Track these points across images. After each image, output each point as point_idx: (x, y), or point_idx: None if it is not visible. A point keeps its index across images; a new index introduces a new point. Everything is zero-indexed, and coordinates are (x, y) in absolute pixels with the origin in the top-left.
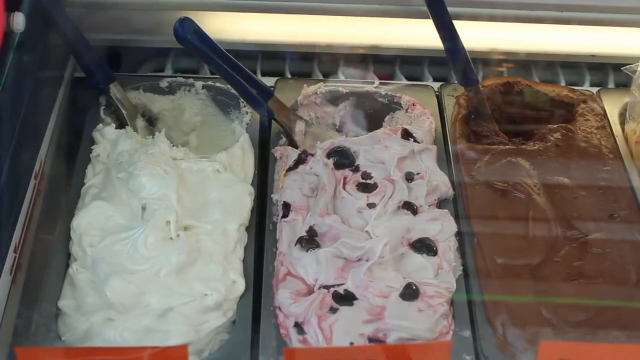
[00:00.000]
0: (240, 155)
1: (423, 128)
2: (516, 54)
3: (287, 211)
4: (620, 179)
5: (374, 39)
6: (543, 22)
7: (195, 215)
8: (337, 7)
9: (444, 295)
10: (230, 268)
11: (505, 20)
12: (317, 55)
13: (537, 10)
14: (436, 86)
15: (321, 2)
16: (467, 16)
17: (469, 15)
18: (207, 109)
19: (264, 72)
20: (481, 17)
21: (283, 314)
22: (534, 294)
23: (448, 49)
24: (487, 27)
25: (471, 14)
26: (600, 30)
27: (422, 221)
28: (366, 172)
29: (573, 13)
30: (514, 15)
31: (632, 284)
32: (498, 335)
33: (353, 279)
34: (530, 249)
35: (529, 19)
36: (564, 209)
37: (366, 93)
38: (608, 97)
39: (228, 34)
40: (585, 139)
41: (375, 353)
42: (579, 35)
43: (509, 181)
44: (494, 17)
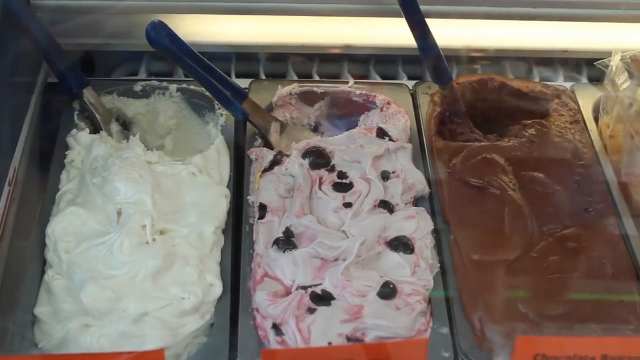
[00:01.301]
0: (216, 157)
1: (398, 126)
2: (490, 50)
3: (263, 212)
4: (594, 173)
5: (347, 38)
6: (516, 18)
7: (171, 218)
8: (311, 8)
9: (421, 293)
10: (207, 271)
11: (478, 17)
12: (291, 55)
13: (510, 6)
14: (411, 84)
15: (294, 3)
16: (439, 14)
17: (441, 13)
18: (181, 112)
19: (238, 73)
20: (453, 15)
21: (261, 315)
22: (510, 289)
23: (421, 47)
24: (461, 25)
25: (443, 12)
26: (573, 26)
27: (398, 219)
28: (342, 172)
29: (546, 9)
30: (487, 12)
31: (608, 277)
32: (476, 331)
33: (330, 279)
34: (507, 245)
35: (501, 15)
36: (539, 204)
37: (341, 92)
38: (581, 92)
39: (201, 36)
40: (560, 134)
41: (353, 352)
42: (551, 31)
43: (484, 177)
44: (467, 15)
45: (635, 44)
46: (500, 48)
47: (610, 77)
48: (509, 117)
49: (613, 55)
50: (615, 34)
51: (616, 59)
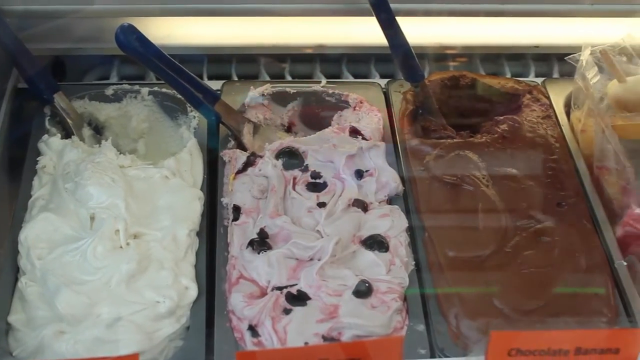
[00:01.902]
0: (189, 160)
1: (371, 125)
2: (461, 47)
3: (237, 214)
4: (567, 168)
5: (319, 38)
6: (487, 15)
7: (145, 222)
8: (282, 8)
9: (397, 290)
10: (182, 274)
11: (448, 14)
12: (263, 56)
13: (479, 3)
14: (383, 83)
15: (265, 4)
16: (410, 12)
17: (411, 11)
18: (154, 115)
19: (211, 75)
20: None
21: (237, 317)
22: (485, 285)
23: (392, 45)
24: (432, 22)
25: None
26: (543, 21)
27: (372, 218)
28: (315, 172)
29: (515, 5)
30: (457, 9)
31: (581, 270)
32: (452, 327)
33: (306, 279)
34: (481, 241)
35: (471, 12)
36: (513, 200)
37: (314, 92)
38: (553, 87)
39: (172, 39)
40: (532, 129)
41: (328, 352)
42: (522, 27)
43: (457, 174)
44: (437, 12)
45: (604, 38)
46: (471, 45)
47: (580, 72)
48: (481, 114)
49: (583, 50)
50: (585, 28)
51: (586, 54)
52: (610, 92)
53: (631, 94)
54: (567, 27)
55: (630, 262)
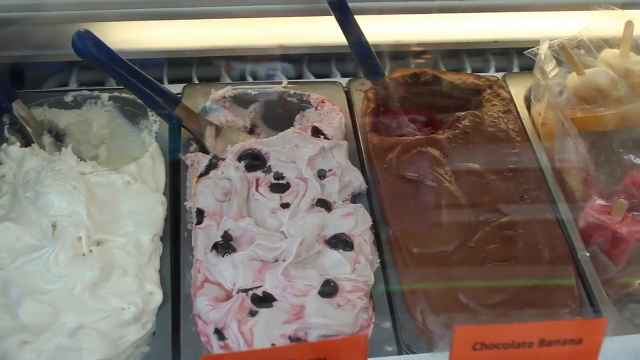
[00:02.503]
0: (151, 164)
1: (333, 124)
2: (422, 44)
3: (201, 218)
4: (529, 161)
5: (280, 39)
6: (446, 11)
7: (107, 229)
8: (241, 10)
9: (362, 289)
10: (146, 279)
11: (408, 12)
12: (224, 59)
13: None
14: (344, 82)
15: (224, 6)
16: (369, 10)
17: (371, 9)
18: (115, 121)
19: (171, 79)
20: (384, 10)
21: (203, 321)
22: (450, 280)
23: (352, 44)
24: (391, 20)
25: (373, 8)
26: (502, 16)
27: (336, 217)
28: (278, 173)
29: (474, 1)
30: (417, 7)
31: (545, 262)
32: (418, 323)
33: (271, 280)
34: (445, 236)
35: (431, 9)
36: (476, 194)
37: (275, 93)
38: (513, 81)
39: (131, 44)
40: (493, 123)
41: (293, 352)
42: (481, 22)
43: (420, 171)
44: (397, 10)
45: (562, 31)
46: (431, 41)
47: (539, 66)
48: (442, 110)
49: (541, 44)
50: (543, 22)
51: (544, 48)
52: (569, 84)
53: (590, 86)
54: (525, 21)
55: (593, 252)
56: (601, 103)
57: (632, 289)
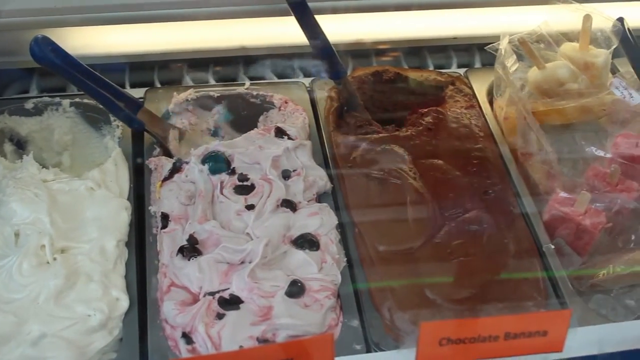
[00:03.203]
0: (114, 170)
1: (297, 125)
2: (383, 42)
3: (165, 222)
4: (492, 156)
5: (241, 40)
6: (406, 9)
7: (71, 236)
8: (201, 12)
9: (329, 288)
10: (112, 286)
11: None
12: (186, 61)
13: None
14: (307, 82)
15: (184, 9)
16: (329, 9)
17: (330, 9)
18: (77, 127)
19: (133, 83)
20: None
21: (170, 325)
22: (417, 276)
23: (313, 44)
24: (352, 19)
25: (332, 7)
26: (462, 12)
27: (302, 217)
28: (242, 174)
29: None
30: (376, 5)
31: (511, 256)
32: (386, 321)
33: (237, 283)
34: (411, 233)
35: (390, 6)
36: (440, 191)
37: (238, 95)
38: (475, 77)
39: (91, 49)
40: (456, 119)
41: (259, 354)
42: (441, 19)
43: (384, 168)
44: (357, 9)
45: (522, 26)
46: (393, 39)
47: (500, 61)
48: (406, 107)
49: (501, 39)
50: (503, 17)
51: (504, 43)
52: (530, 79)
53: (551, 79)
54: (485, 17)
55: (558, 244)
56: (562, 96)
57: (596, 280)
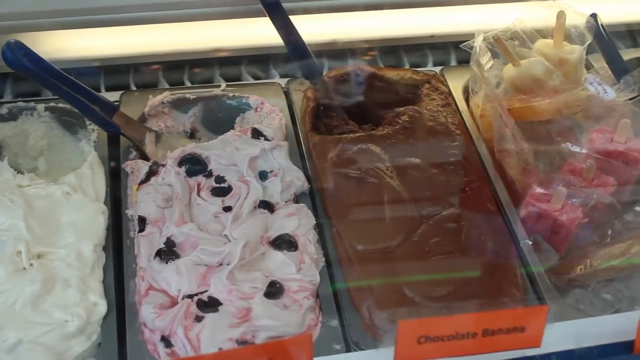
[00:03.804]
0: (90, 174)
1: (273, 125)
2: (359, 42)
3: (143, 225)
4: (469, 153)
5: (216, 42)
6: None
7: (48, 241)
8: (176, 14)
9: (308, 288)
10: (90, 290)
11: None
12: (161, 64)
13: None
14: (283, 82)
15: (159, 11)
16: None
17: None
18: (52, 131)
19: (108, 87)
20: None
21: (149, 329)
22: (395, 275)
23: (288, 44)
24: (327, 18)
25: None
26: (437, 10)
27: (279, 218)
28: (219, 176)
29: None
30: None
31: (489, 252)
32: (365, 320)
33: (216, 285)
34: (388, 232)
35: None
36: (417, 189)
37: (214, 97)
38: (451, 75)
39: (66, 53)
40: (432, 117)
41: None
42: (417, 17)
43: (362, 168)
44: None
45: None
46: (368, 38)
47: (475, 58)
48: (382, 106)
49: (476, 37)
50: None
51: (479, 40)
52: (505, 76)
53: (526, 76)
54: (461, 14)
55: (535, 240)
56: (538, 93)
57: (574, 275)
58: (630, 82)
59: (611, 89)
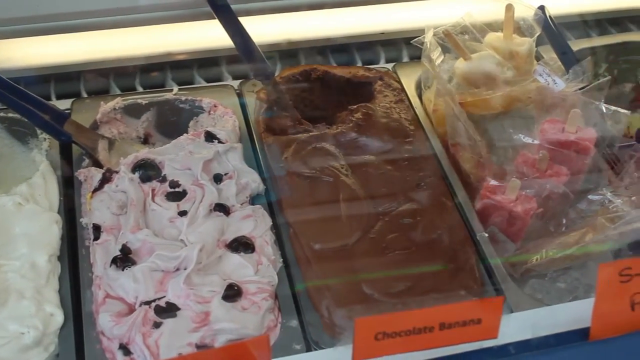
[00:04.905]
0: (42, 183)
1: (227, 128)
2: (310, 41)
3: (98, 233)
4: (423, 148)
5: (167, 46)
6: (330, 7)
7: (1, 253)
8: (126, 19)
9: (266, 290)
10: (46, 301)
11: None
12: (112, 70)
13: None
14: (236, 84)
15: (108, 17)
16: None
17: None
18: (2, 142)
19: (59, 95)
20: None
21: (107, 337)
22: (353, 273)
23: (238, 46)
24: (277, 19)
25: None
26: (388, 7)
27: (235, 220)
28: (174, 181)
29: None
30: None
31: (446, 246)
32: (324, 319)
33: (173, 290)
34: (345, 230)
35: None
36: (373, 186)
37: (166, 101)
38: (403, 71)
39: (14, 62)
40: (386, 114)
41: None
42: (367, 15)
43: (316, 167)
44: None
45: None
46: (320, 37)
47: (426, 54)
48: (336, 105)
49: (426, 32)
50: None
51: (429, 36)
52: (457, 70)
53: (477, 70)
54: (410, 11)
55: (492, 232)
56: (490, 86)
57: (530, 265)
58: (579, 72)
59: (561, 80)
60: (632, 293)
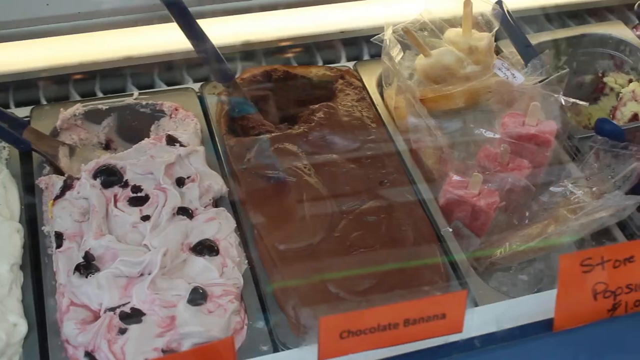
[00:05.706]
0: (3, 192)
1: (188, 131)
2: (270, 41)
3: (60, 241)
4: (385, 146)
5: (126, 50)
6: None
7: None
8: (84, 24)
9: (232, 292)
10: (8, 311)
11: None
12: (71, 76)
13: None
14: (197, 87)
15: (66, 22)
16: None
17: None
18: None
19: (18, 102)
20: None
21: (72, 346)
22: (319, 272)
23: (197, 48)
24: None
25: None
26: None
27: (199, 224)
28: (136, 186)
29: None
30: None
31: (410, 243)
32: (291, 319)
33: (138, 295)
34: (309, 230)
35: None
36: (336, 185)
37: (127, 106)
38: (364, 69)
39: None
40: (347, 113)
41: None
42: (327, 14)
43: (279, 167)
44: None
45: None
46: (279, 38)
47: (386, 51)
48: (297, 105)
49: (385, 30)
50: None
51: (388, 33)
52: (418, 67)
53: (437, 66)
54: (369, 9)
55: (456, 227)
56: (450, 82)
57: (495, 259)
58: (538, 66)
59: (520, 74)
60: (594, 283)
